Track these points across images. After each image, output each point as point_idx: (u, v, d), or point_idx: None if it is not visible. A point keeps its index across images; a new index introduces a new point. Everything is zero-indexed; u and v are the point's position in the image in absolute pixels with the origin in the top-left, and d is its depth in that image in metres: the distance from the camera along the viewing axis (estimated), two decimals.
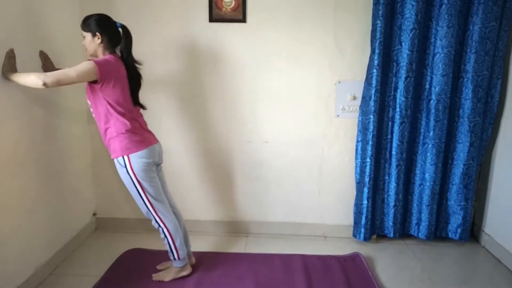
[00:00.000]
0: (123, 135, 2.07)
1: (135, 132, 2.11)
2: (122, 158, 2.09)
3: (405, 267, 2.56)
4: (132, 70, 2.13)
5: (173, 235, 2.22)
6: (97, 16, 2.06)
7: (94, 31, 2.04)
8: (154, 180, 2.17)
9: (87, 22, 2.06)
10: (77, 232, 2.76)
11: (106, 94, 2.02)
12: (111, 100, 2.03)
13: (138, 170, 2.09)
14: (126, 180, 2.14)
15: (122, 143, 2.07)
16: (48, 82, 1.86)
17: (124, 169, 2.10)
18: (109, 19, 2.10)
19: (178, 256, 2.26)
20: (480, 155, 2.70)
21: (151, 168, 2.15)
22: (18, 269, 2.13)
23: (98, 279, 2.33)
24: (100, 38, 2.05)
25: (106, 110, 2.04)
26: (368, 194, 2.71)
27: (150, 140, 2.18)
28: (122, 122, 2.07)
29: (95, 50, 2.08)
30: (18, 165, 2.11)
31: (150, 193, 2.15)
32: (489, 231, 2.77)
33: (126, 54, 2.11)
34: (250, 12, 2.64)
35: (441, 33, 2.48)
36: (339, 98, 2.74)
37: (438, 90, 2.55)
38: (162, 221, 2.20)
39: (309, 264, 2.51)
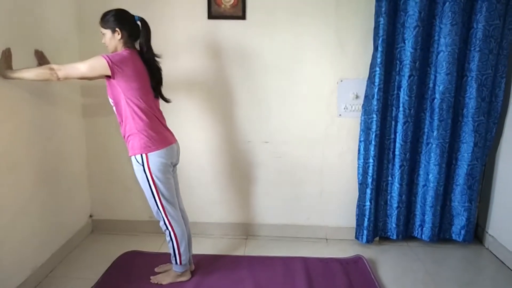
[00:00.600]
0: (143, 133, 2.04)
1: (155, 130, 2.07)
2: (140, 156, 2.05)
3: (408, 269, 2.53)
4: (151, 63, 2.10)
5: (179, 240, 2.20)
6: (115, 12, 2.03)
7: (113, 27, 2.01)
8: (169, 182, 2.14)
9: (105, 18, 2.02)
10: (73, 234, 2.73)
11: (124, 89, 1.99)
12: (130, 95, 2.00)
13: (155, 169, 2.06)
14: (141, 179, 2.11)
15: (141, 141, 2.04)
16: (61, 76, 1.89)
17: (141, 167, 2.07)
18: (127, 13, 2.07)
19: (181, 261, 2.24)
20: (484, 155, 2.67)
21: (168, 169, 2.13)
22: (14, 271, 2.11)
23: (95, 281, 2.30)
24: (120, 34, 2.01)
25: (126, 105, 2.01)
26: (370, 196, 2.68)
27: (169, 139, 2.15)
28: (141, 118, 2.03)
29: (115, 46, 2.05)
30: (13, 165, 2.09)
31: (164, 195, 2.12)
32: (493, 232, 2.75)
33: (146, 48, 2.07)
34: (250, 9, 2.61)
35: (444, 31, 2.45)
36: (341, 97, 2.71)
37: (442, 89, 2.52)
38: (171, 224, 2.17)
39: (311, 267, 2.48)
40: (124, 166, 2.78)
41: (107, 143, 2.84)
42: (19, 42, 2.10)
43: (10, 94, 2.03)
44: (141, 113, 2.03)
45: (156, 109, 2.15)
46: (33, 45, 2.23)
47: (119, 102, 2.04)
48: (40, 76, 1.92)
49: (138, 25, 2.07)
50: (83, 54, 2.15)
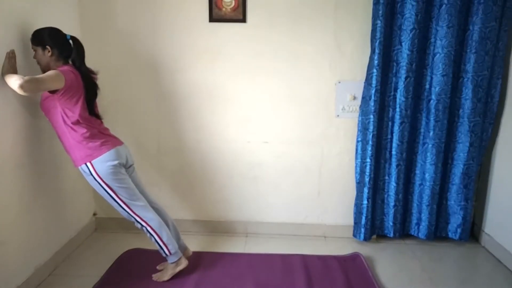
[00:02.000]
0: (82, 143, 2.06)
1: (94, 138, 2.10)
2: (85, 166, 2.08)
3: (405, 267, 2.56)
4: (87, 79, 2.12)
5: (157, 232, 2.21)
6: (47, 30, 2.06)
7: (44, 44, 2.04)
8: (124, 182, 2.15)
9: (36, 36, 2.06)
10: (77, 232, 2.75)
11: (64, 103, 2.01)
12: (67, 109, 2.03)
13: (104, 174, 2.08)
14: (96, 187, 2.13)
15: (81, 151, 2.07)
16: (25, 86, 1.81)
17: (90, 176, 2.09)
18: (59, 32, 2.10)
19: (169, 251, 2.25)
20: (480, 155, 2.69)
21: (119, 170, 2.13)
22: (18, 269, 2.13)
23: (98, 279, 2.32)
24: (50, 51, 2.04)
25: (62, 119, 2.04)
26: (368, 194, 2.71)
27: (111, 142, 2.16)
28: (77, 131, 2.06)
29: (47, 63, 2.07)
30: (17, 165, 2.11)
31: (123, 195, 2.14)
32: (489, 231, 2.77)
33: (79, 63, 2.11)
34: (250, 12, 2.64)
35: (441, 33, 2.47)
36: (339, 98, 2.74)
37: (438, 90, 2.54)
38: (143, 219, 2.19)
39: (309, 264, 2.51)
40: None
41: None
42: (23, 45, 2.12)
43: (14, 94, 2.03)
44: (76, 125, 2.05)
45: (93, 120, 2.15)
46: None
47: (54, 115, 2.06)
48: (11, 84, 1.85)
49: (69, 43, 2.11)
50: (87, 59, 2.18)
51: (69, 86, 2.00)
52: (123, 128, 2.70)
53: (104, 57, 2.72)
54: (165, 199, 2.84)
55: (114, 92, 2.77)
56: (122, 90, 2.79)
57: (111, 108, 2.76)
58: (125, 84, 2.79)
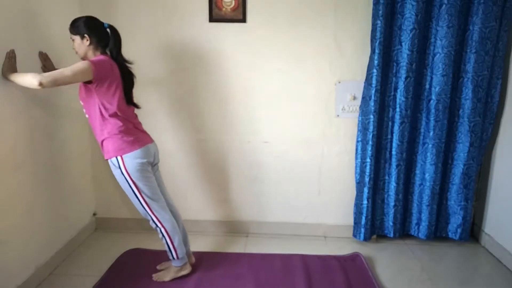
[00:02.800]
0: (116, 136, 2.07)
1: (129, 132, 2.10)
2: (115, 159, 2.08)
3: (405, 267, 2.56)
4: (124, 69, 2.13)
5: (171, 235, 2.22)
6: (85, 18, 2.07)
7: (82, 33, 2.04)
8: (149, 180, 2.16)
9: (75, 25, 2.06)
10: (77, 232, 2.75)
11: (100, 94, 2.02)
12: (105, 101, 2.03)
13: (132, 170, 2.09)
14: (121, 181, 2.14)
15: (115, 144, 2.07)
16: (44, 82, 1.84)
17: (118, 170, 2.10)
18: (97, 20, 2.10)
19: (177, 255, 2.26)
20: (480, 155, 2.69)
21: (146, 168, 2.14)
22: (18, 269, 2.13)
23: (98, 279, 2.33)
24: (88, 40, 2.05)
25: (99, 110, 2.04)
26: (368, 194, 2.71)
27: (144, 140, 2.17)
28: (115, 123, 2.06)
29: (85, 52, 2.08)
30: (18, 164, 2.11)
31: (146, 193, 2.15)
32: (489, 231, 2.77)
33: (116, 53, 2.11)
34: (250, 12, 2.64)
35: (441, 33, 2.47)
36: (339, 98, 2.74)
37: (438, 90, 2.54)
38: (159, 220, 2.20)
39: (309, 264, 2.51)
40: None
41: None
42: (24, 44, 2.12)
43: (14, 94, 2.05)
44: (114, 118, 2.06)
45: (129, 113, 2.17)
46: (38, 47, 2.25)
47: (91, 107, 2.06)
48: (24, 82, 1.88)
49: (107, 32, 2.11)
50: None
51: (102, 77, 1.99)
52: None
53: None
54: None
55: None
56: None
57: None
58: None
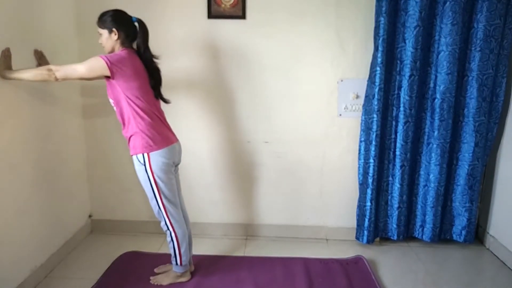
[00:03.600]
0: (144, 133, 2.04)
1: (157, 129, 2.07)
2: (142, 156, 2.05)
3: (409, 270, 2.53)
4: (150, 64, 2.10)
5: (180, 241, 2.19)
6: (113, 12, 2.03)
7: (110, 27, 2.01)
8: (171, 182, 2.14)
9: (103, 18, 2.02)
10: (72, 234, 2.72)
11: (124, 89, 1.99)
12: (131, 95, 2.00)
13: (156, 169, 2.06)
14: (143, 178, 2.10)
15: (143, 140, 2.04)
16: (59, 76, 1.89)
17: (142, 167, 2.06)
18: (125, 14, 2.07)
19: (181, 262, 2.24)
20: (485, 155, 2.66)
21: (170, 168, 2.12)
22: (13, 272, 2.11)
23: (94, 282, 2.30)
24: (117, 34, 2.01)
25: (127, 105, 2.01)
26: (371, 196, 2.68)
27: (171, 139, 2.15)
28: (143, 118, 2.03)
29: (112, 46, 2.05)
30: (12, 166, 2.08)
31: (165, 195, 2.12)
32: (494, 233, 2.74)
33: (144, 48, 2.08)
34: (250, 8, 2.61)
35: (445, 30, 2.45)
36: (341, 97, 2.71)
37: (443, 88, 2.51)
38: (172, 225, 2.17)
39: (311, 268, 2.48)
40: (124, 166, 2.78)
41: (107, 143, 2.84)
42: (18, 42, 2.10)
43: (9, 94, 2.03)
44: (143, 112, 2.03)
45: (157, 109, 2.14)
46: (32, 45, 2.23)
47: (119, 102, 2.04)
48: (37, 77, 1.92)
49: (135, 26, 2.07)
50: (82, 54, 2.15)
51: (119, 71, 1.95)
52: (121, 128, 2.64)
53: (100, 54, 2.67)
54: None
55: None
56: None
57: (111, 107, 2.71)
58: None
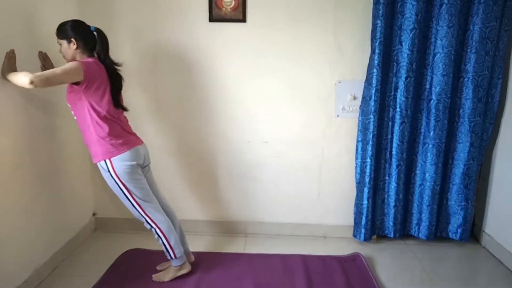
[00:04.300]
0: (104, 139, 2.06)
1: (117, 135, 2.09)
2: (104, 162, 2.08)
3: (406, 267, 2.55)
4: (112, 71, 2.13)
5: (166, 235, 2.21)
6: (71, 22, 2.06)
7: (69, 37, 2.04)
8: (140, 182, 2.16)
9: (61, 29, 2.06)
10: (76, 232, 2.75)
11: (89, 96, 2.01)
12: (93, 102, 2.03)
13: (121, 173, 2.08)
14: (111, 184, 2.13)
15: (103, 147, 2.07)
16: (35, 81, 1.80)
17: (107, 173, 2.09)
18: (83, 24, 2.10)
19: (175, 255, 2.26)
20: (480, 155, 2.69)
21: (136, 170, 2.14)
22: (17, 269, 2.12)
23: (98, 279, 2.32)
24: (75, 44, 2.05)
25: (88, 112, 2.03)
26: (368, 194, 2.71)
27: (132, 142, 2.16)
28: (102, 126, 2.05)
29: (72, 56, 2.08)
30: (17, 165, 2.10)
31: (137, 195, 2.15)
32: (490, 231, 2.77)
33: (103, 56, 2.11)
34: (250, 12, 2.64)
35: (441, 33, 2.47)
36: (339, 98, 2.74)
37: (439, 90, 2.54)
38: (153, 221, 2.20)
39: (309, 265, 2.50)
40: None
41: None
42: (22, 44, 2.12)
43: (13, 94, 2.04)
44: (101, 120, 2.05)
45: (117, 116, 2.15)
46: (36, 46, 2.24)
47: (79, 109, 2.05)
48: (17, 81, 1.86)
49: (94, 35, 2.11)
50: None
51: (91, 78, 1.99)
52: None
53: None
54: None
55: None
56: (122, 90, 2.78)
57: None
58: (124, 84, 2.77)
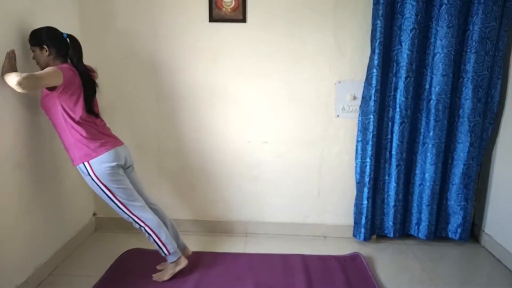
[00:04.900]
0: (80, 142, 2.07)
1: (93, 138, 2.10)
2: (83, 165, 2.08)
3: (405, 267, 2.56)
4: (85, 77, 2.12)
5: (156, 232, 2.22)
6: (44, 30, 2.07)
7: (41, 44, 2.04)
8: (122, 183, 2.16)
9: (33, 36, 2.06)
10: (76, 232, 2.75)
11: (62, 101, 2.01)
12: (67, 107, 2.03)
13: (102, 175, 2.08)
14: (93, 187, 2.14)
15: (81, 150, 2.07)
16: (23, 83, 1.79)
17: (88, 176, 2.10)
18: (56, 31, 2.10)
19: (168, 250, 2.26)
20: (480, 155, 2.69)
21: (116, 171, 2.14)
22: (17, 269, 2.12)
23: (98, 279, 2.32)
24: (47, 51, 2.05)
25: (62, 117, 2.04)
26: (368, 194, 2.71)
27: (111, 143, 2.16)
28: (77, 130, 2.06)
29: (45, 62, 2.07)
30: (17, 164, 2.11)
31: (120, 196, 2.15)
32: (489, 231, 2.77)
33: (76, 61, 2.11)
34: (250, 12, 2.64)
35: (441, 33, 2.48)
36: (339, 98, 2.74)
37: (438, 90, 2.54)
38: (141, 220, 2.20)
39: (309, 264, 2.51)
40: None
41: None
42: (22, 45, 2.11)
43: (14, 94, 2.04)
44: (76, 124, 2.05)
45: (92, 120, 2.15)
46: None
47: (54, 114, 2.06)
48: (10, 82, 1.84)
49: (67, 41, 2.11)
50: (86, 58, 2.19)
51: (68, 83, 2.00)
52: (122, 128, 2.69)
53: (104, 57, 2.72)
54: (165, 199, 2.85)
55: (114, 92, 2.77)
56: (122, 90, 2.79)
57: (111, 108, 2.76)
58: (125, 84, 2.79)
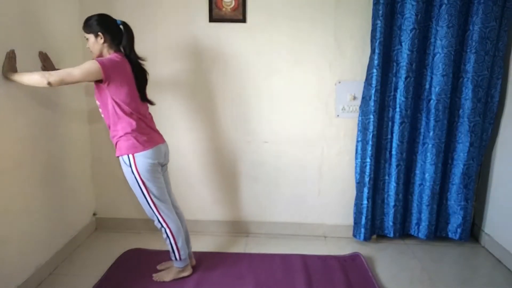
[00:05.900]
0: (130, 135, 2.07)
1: (142, 131, 2.11)
2: (127, 157, 2.08)
3: (405, 267, 2.56)
4: (136, 66, 2.13)
5: (175, 236, 2.22)
6: (98, 17, 2.06)
7: (96, 31, 2.04)
8: (158, 181, 2.17)
9: (88, 23, 2.06)
10: (77, 232, 2.76)
11: (113, 93, 2.02)
12: (118, 99, 2.03)
13: (142, 169, 2.09)
14: (130, 180, 2.14)
15: (128, 142, 2.08)
16: (52, 81, 1.87)
17: (129, 168, 2.10)
18: (110, 18, 2.10)
19: (180, 256, 2.27)
20: (480, 155, 2.70)
21: (156, 168, 2.15)
22: (18, 269, 2.13)
23: (98, 279, 2.33)
24: (103, 38, 2.04)
25: (113, 109, 2.05)
26: (368, 194, 2.72)
27: (156, 140, 2.18)
28: (128, 122, 2.06)
29: (100, 50, 2.08)
30: (18, 165, 2.11)
31: (154, 193, 2.15)
32: (489, 231, 2.77)
33: (129, 50, 2.11)
34: (250, 12, 2.64)
35: (441, 33, 2.48)
36: (339, 98, 2.75)
37: (438, 90, 2.55)
38: (165, 221, 2.20)
39: (309, 264, 2.51)
40: None
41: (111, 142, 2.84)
42: (23, 44, 2.12)
43: (15, 94, 2.05)
44: (128, 117, 2.06)
45: (143, 112, 2.17)
46: (36, 46, 2.25)
47: (106, 106, 2.07)
48: (31, 81, 1.92)
49: (120, 29, 2.11)
50: (87, 57, 2.18)
51: (111, 76, 1.98)
52: None
53: None
54: None
55: None
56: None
57: None
58: None
